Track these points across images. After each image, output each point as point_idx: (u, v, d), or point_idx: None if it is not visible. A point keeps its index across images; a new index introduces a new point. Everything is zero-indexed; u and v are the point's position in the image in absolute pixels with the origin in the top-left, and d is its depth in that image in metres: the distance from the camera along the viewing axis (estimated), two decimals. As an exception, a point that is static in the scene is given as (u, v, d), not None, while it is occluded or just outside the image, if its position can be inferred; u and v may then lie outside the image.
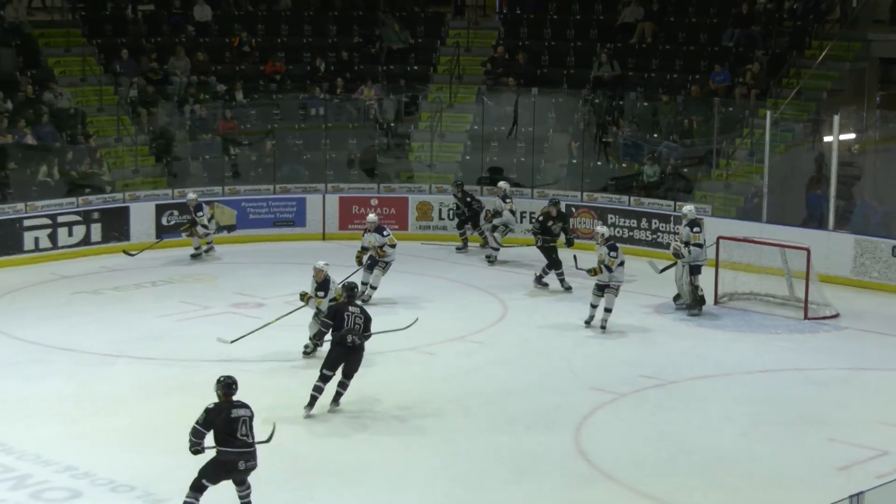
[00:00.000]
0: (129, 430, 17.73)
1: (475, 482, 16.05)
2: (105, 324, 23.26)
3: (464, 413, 18.72)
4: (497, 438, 17.59)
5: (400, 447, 17.24)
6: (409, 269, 27.24)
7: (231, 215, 30.81)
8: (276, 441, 16.96)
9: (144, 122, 32.26)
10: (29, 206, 28.49)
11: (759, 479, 16.26)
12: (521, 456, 16.88)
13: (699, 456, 17.03)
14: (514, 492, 15.77)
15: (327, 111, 33.10)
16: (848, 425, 18.23)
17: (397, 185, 31.91)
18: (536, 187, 31.00)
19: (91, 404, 18.86)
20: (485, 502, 15.48)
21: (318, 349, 20.48)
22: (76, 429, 17.78)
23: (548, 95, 32.61)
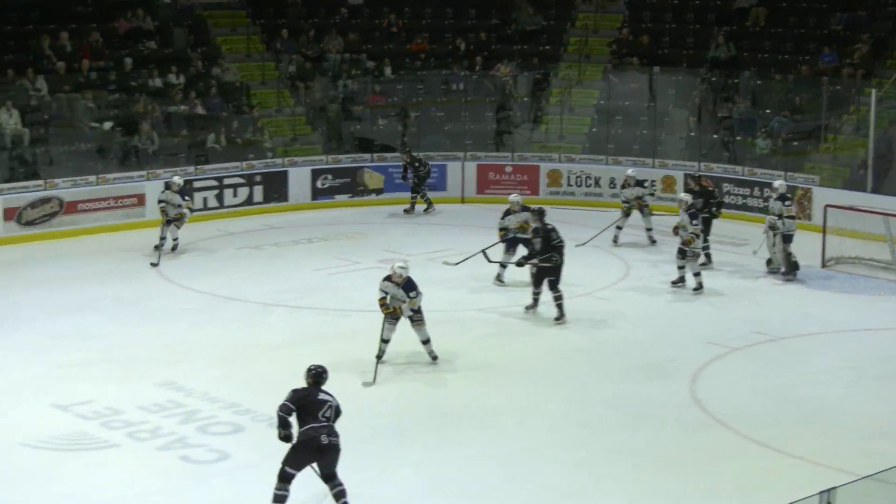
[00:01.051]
0: (286, 372, 17.54)
1: (598, 426, 15.94)
2: (265, 276, 23.42)
3: (588, 362, 18.59)
4: (619, 386, 17.44)
5: (529, 393, 17.15)
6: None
7: (379, 180, 30.88)
8: (415, 387, 17.15)
9: (302, 94, 32.41)
10: (198, 170, 28.75)
11: (861, 428, 15.97)
12: (640, 403, 16.72)
13: (805, 406, 16.76)
14: (635, 436, 15.62)
15: (466, 86, 33.00)
16: (947, 377, 17.86)
17: (529, 154, 31.74)
18: (657, 158, 30.75)
19: (252, 348, 19.01)
20: (608, 445, 15.34)
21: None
22: (238, 370, 17.93)
23: (668, 74, 32.27)
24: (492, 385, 17.45)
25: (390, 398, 16.78)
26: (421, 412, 16.24)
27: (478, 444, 15.28)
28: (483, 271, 23.13)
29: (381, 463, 14.65)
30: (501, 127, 32.58)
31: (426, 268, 23.71)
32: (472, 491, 14.00)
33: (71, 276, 23.08)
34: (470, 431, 15.72)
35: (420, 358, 18.36)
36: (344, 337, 19.55)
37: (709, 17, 33.77)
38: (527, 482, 14.21)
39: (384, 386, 17.19)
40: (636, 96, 32.21)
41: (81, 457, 14.79)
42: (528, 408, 16.55)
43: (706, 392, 17.12)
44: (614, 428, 15.90)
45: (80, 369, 17.87)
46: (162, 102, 29.69)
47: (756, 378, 17.91)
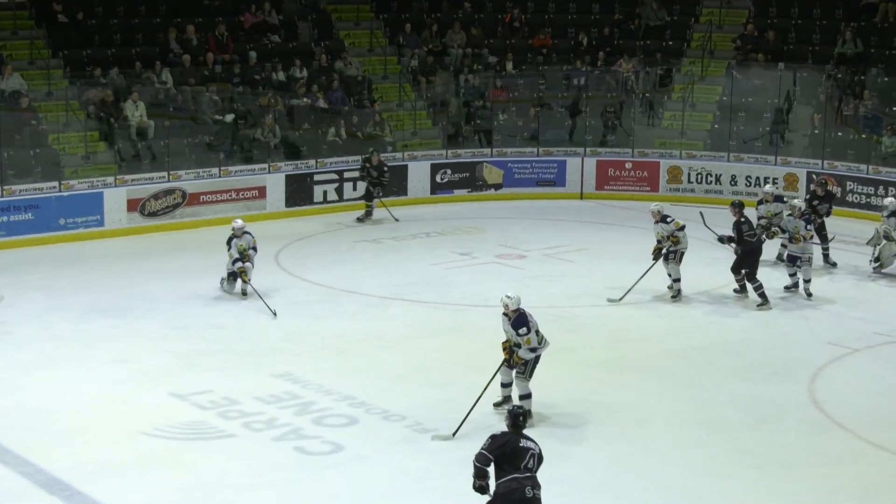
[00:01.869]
0: (402, 366, 17.85)
1: (716, 425, 15.74)
2: (383, 269, 23.48)
3: (707, 361, 18.39)
4: (737, 386, 17.22)
5: (646, 392, 16.98)
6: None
7: (498, 175, 30.85)
8: (534, 381, 16.99)
9: (424, 89, 32.47)
10: (319, 163, 28.93)
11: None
12: (758, 403, 16.49)
13: (927, 409, 16.45)
14: (752, 436, 15.41)
15: (588, 82, 32.81)
16: None
17: (650, 150, 31.49)
18: (780, 155, 30.32)
19: (369, 341, 19.04)
20: (726, 445, 15.15)
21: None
22: (355, 363, 17.97)
23: (793, 70, 31.82)
24: (608, 383, 17.31)
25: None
26: (536, 407, 16.10)
27: (594, 441, 15.17)
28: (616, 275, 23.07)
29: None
30: (608, 120, 32.23)
31: (543, 263, 23.67)
32: (588, 488, 13.90)
33: (192, 268, 23.33)
34: (587, 428, 15.60)
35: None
36: (460, 332, 19.55)
37: (836, 13, 33.23)
38: (643, 481, 14.08)
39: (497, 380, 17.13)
40: (760, 93, 31.77)
41: (198, 446, 14.92)
42: (645, 406, 16.41)
43: (826, 393, 16.85)
44: (733, 428, 15.70)
45: (199, 359, 18.04)
46: (285, 96, 29.89)
47: (877, 379, 17.60)
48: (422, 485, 13.89)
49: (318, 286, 22.23)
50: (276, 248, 24.79)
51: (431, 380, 17.22)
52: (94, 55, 29.08)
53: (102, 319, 20.01)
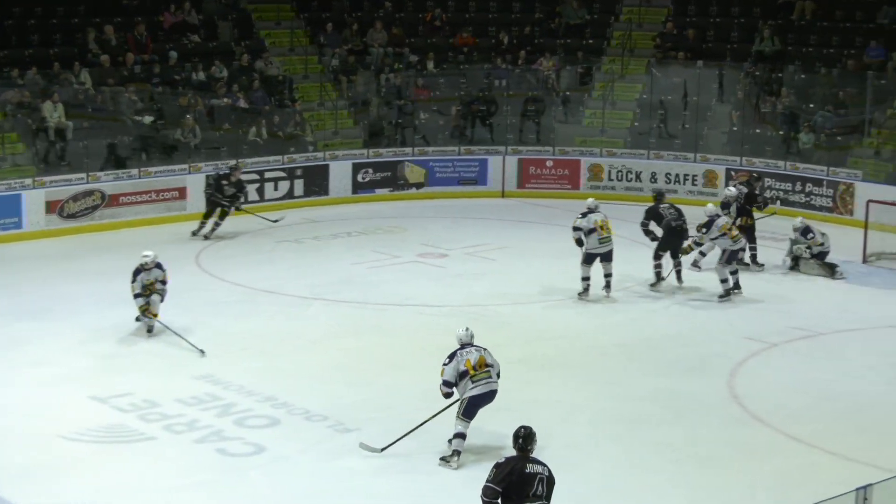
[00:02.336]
0: (324, 366, 17.86)
1: (638, 421, 15.87)
2: (304, 269, 23.44)
3: (627, 357, 18.54)
4: (657, 381, 17.37)
5: (567, 388, 17.11)
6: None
7: (420, 174, 30.87)
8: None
9: (345, 88, 32.44)
10: (240, 164, 28.82)
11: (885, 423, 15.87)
12: (679, 398, 16.65)
13: (843, 403, 16.67)
14: (674, 431, 15.57)
15: (509, 81, 32.92)
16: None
17: (571, 148, 31.64)
18: (699, 152, 30.58)
19: (290, 341, 19.02)
20: (647, 440, 15.29)
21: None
22: (276, 363, 17.94)
23: (712, 68, 32.11)
24: (530, 381, 17.38)
25: (427, 389, 16.69)
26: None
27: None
28: (527, 271, 23.19)
29: (418, 456, 14.61)
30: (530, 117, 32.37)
31: (465, 262, 23.77)
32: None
33: (112, 269, 23.12)
34: (507, 425, 15.60)
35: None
36: (382, 331, 19.58)
37: (754, 11, 33.54)
38: (566, 476, 14.07)
39: (422, 377, 17.15)
40: (679, 90, 32.03)
41: (118, 449, 14.83)
42: (567, 402, 16.51)
43: (745, 388, 17.04)
44: (654, 423, 15.85)
45: (119, 362, 17.95)
46: (205, 96, 29.77)
47: (794, 374, 17.81)
48: (344, 484, 13.91)
49: (239, 287, 22.16)
50: (196, 249, 24.69)
51: (353, 379, 17.23)
52: (12, 56, 28.78)
53: (22, 322, 19.85)
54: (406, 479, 14.08)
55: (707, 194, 29.28)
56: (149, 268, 19.14)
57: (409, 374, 17.38)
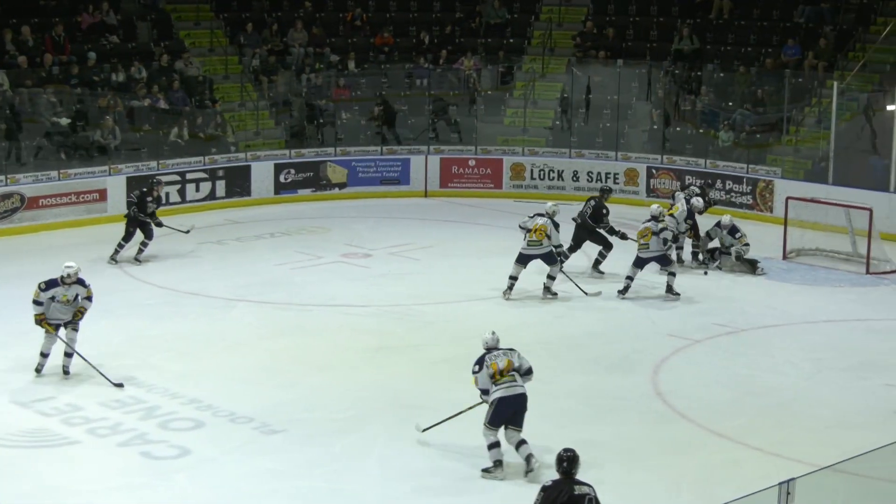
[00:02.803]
0: (248, 367, 17.79)
1: (562, 419, 15.93)
2: (228, 271, 23.34)
3: (551, 355, 18.55)
4: (582, 379, 17.47)
5: (492, 386, 17.12)
6: (502, 223, 27.19)
7: (343, 174, 30.82)
8: (380, 379, 17.11)
9: (266, 88, 32.32)
10: (161, 164, 28.64)
11: (822, 420, 16.04)
12: (603, 396, 16.75)
13: (767, 398, 16.82)
14: (598, 428, 15.64)
15: (431, 80, 32.95)
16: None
17: (493, 147, 31.72)
18: (620, 151, 30.76)
19: (214, 343, 18.94)
20: (572, 437, 15.26)
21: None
22: (201, 365, 17.86)
23: (632, 67, 32.32)
24: (454, 379, 17.34)
25: (351, 391, 16.75)
26: (384, 405, 16.20)
27: (442, 437, 15.24)
28: (444, 273, 23.19)
29: (344, 457, 14.62)
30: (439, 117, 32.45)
31: (388, 262, 23.77)
32: (437, 485, 13.98)
33: (32, 272, 22.80)
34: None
35: (385, 347, 18.41)
36: (306, 332, 19.54)
37: (673, 10, 33.82)
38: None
39: (348, 378, 17.15)
40: (600, 89, 32.20)
41: (41, 454, 14.69)
42: (490, 401, 16.53)
43: (668, 384, 17.15)
44: (578, 421, 15.91)
45: (40, 365, 17.77)
46: (125, 97, 29.53)
47: (717, 370, 17.96)
48: (270, 486, 13.86)
49: (162, 289, 22.02)
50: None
51: (278, 380, 17.18)
52: (-72, 57, 28.50)
53: (-60, 327, 19.65)
54: (333, 477, 14.05)
55: (628, 192, 29.57)
56: (69, 282, 16.98)
57: (335, 375, 17.38)
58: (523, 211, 25.49)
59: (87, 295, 17.26)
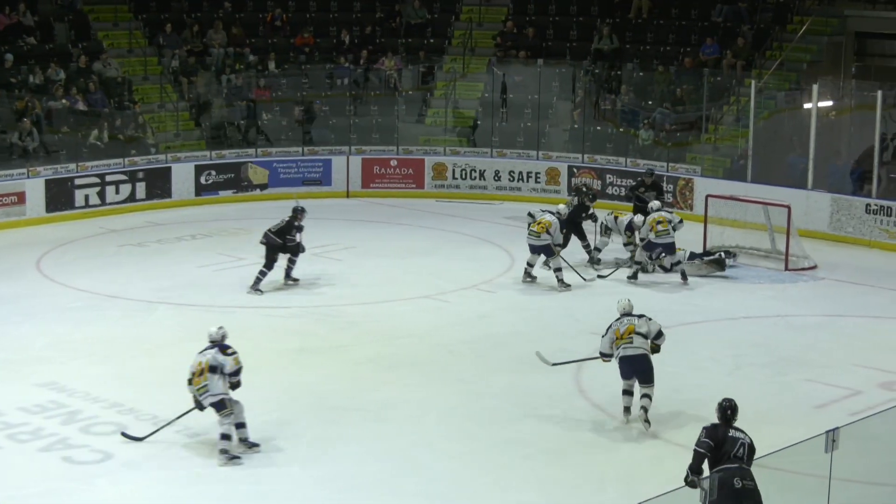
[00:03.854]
0: (171, 371, 17.56)
1: (487, 418, 15.97)
2: (149, 273, 23.17)
3: (475, 354, 18.63)
4: (506, 378, 17.49)
5: (419, 387, 17.15)
6: (424, 223, 27.26)
7: (264, 175, 30.69)
8: (303, 380, 17.08)
9: (186, 89, 32.12)
10: (80, 167, 28.38)
11: (744, 415, 16.01)
12: (528, 394, 16.77)
13: (688, 394, 16.93)
14: (523, 427, 15.69)
15: (351, 80, 32.90)
16: (824, 367, 18.13)
17: (415, 147, 31.73)
18: (541, 150, 30.87)
19: (136, 346, 18.80)
20: (497, 436, 15.39)
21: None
22: (122, 369, 17.73)
23: (552, 67, 32.44)
24: (379, 380, 17.42)
25: (274, 393, 16.68)
26: (308, 407, 16.17)
27: (367, 438, 15.25)
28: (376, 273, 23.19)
29: (268, 459, 14.56)
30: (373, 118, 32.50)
31: (311, 263, 23.66)
32: (362, 486, 13.96)
33: (-50, 276, 22.73)
34: (359, 425, 15.68)
35: (308, 348, 18.37)
36: (229, 334, 19.36)
37: (592, 10, 33.99)
38: (417, 475, 14.22)
39: (271, 380, 17.09)
40: (521, 89, 32.31)
41: (-39, 460, 14.55)
42: (416, 401, 16.55)
43: (591, 382, 17.19)
44: (503, 420, 15.94)
45: (-41, 371, 17.58)
46: (42, 98, 29.24)
47: (640, 367, 18.03)
48: (193, 489, 13.80)
49: (83, 292, 21.83)
50: (37, 255, 24.25)
51: (201, 383, 17.05)
52: None
53: None
54: (257, 479, 14.00)
55: (550, 191, 29.70)
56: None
57: (259, 377, 17.19)
58: (446, 211, 25.79)
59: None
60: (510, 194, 30.30)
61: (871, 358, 18.54)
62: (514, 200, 29.71)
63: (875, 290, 22.64)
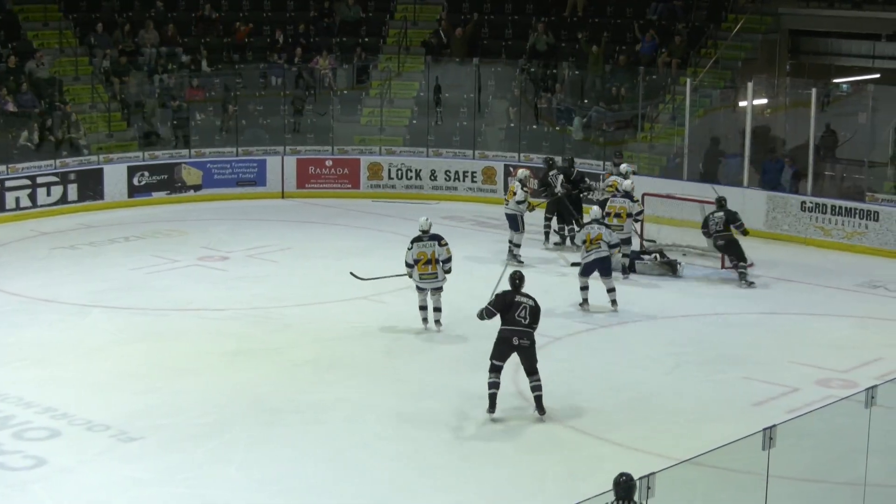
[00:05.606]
0: (105, 374, 17.59)
1: (426, 419, 16.00)
2: (82, 276, 23.03)
3: (411, 355, 18.65)
4: (443, 379, 17.53)
5: (357, 388, 17.14)
6: (360, 223, 27.28)
7: (198, 176, 30.56)
8: (240, 383, 17.05)
9: (117, 90, 31.92)
10: (10, 168, 28.15)
11: (682, 413, 16.30)
12: (466, 395, 16.75)
13: (627, 393, 17.05)
14: (461, 428, 15.75)
15: (286, 79, 32.83)
16: (762, 365, 18.28)
17: (350, 147, 31.71)
18: (477, 149, 30.94)
19: (69, 350, 18.68)
20: (435, 438, 15.43)
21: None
22: (55, 373, 17.60)
23: (488, 65, 32.50)
24: (317, 381, 17.42)
25: (211, 396, 16.65)
26: (246, 409, 16.14)
27: (305, 440, 15.26)
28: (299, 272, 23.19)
29: (205, 463, 14.55)
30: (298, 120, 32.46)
31: (246, 264, 23.66)
32: (301, 488, 13.98)
33: None
34: (296, 428, 15.67)
35: (244, 350, 18.34)
36: (164, 337, 19.37)
37: (528, 8, 34.08)
38: (355, 478, 14.23)
39: (208, 382, 17.05)
40: (456, 88, 32.35)
41: None
42: (354, 403, 16.54)
43: (525, 382, 17.22)
44: (441, 421, 15.97)
45: None
46: (-29, 100, 29.03)
47: (577, 367, 18.13)
48: (130, 494, 13.75)
49: (14, 296, 21.67)
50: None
51: (136, 387, 16.98)
52: None
53: None
54: (194, 483, 13.97)
55: (486, 191, 29.82)
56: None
57: (194, 380, 17.27)
58: (382, 211, 25.79)
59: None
60: (446, 194, 30.34)
61: (807, 355, 18.73)
62: (451, 200, 29.83)
63: (811, 288, 22.87)
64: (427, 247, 19.38)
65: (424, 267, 19.45)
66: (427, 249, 19.34)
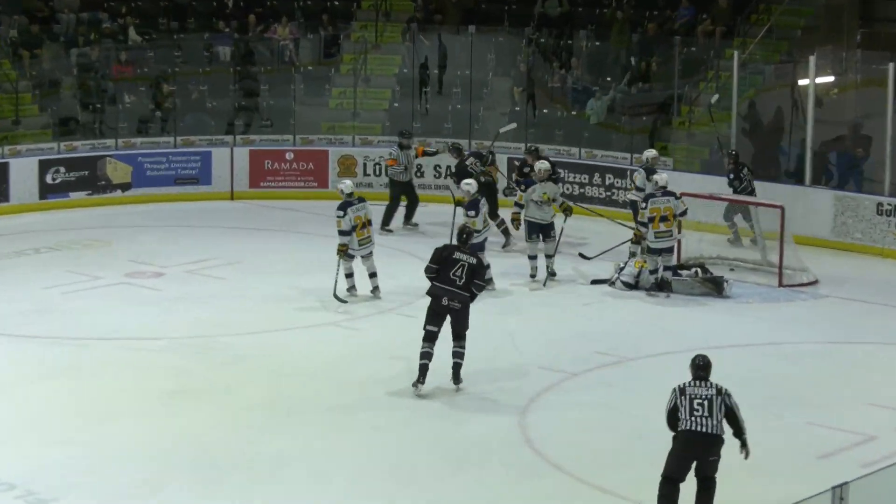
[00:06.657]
0: (10, 419, 17.50)
1: (410, 474, 15.94)
2: (-19, 297, 23.03)
3: (395, 395, 18.55)
4: (433, 425, 17.48)
5: (322, 438, 17.07)
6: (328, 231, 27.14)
7: (126, 172, 30.53)
8: (179, 431, 16.97)
9: (27, 66, 31.88)
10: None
11: (730, 468, 16.19)
12: (460, 444, 16.77)
13: (659, 443, 16.88)
14: (451, 485, 15.66)
15: (236, 53, 32.81)
16: (829, 407, 18.25)
17: (316, 136, 31.67)
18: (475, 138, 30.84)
19: (-37, 390, 18.63)
20: (420, 497, 15.35)
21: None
22: (-54, 418, 17.55)
23: (487, 35, 32.48)
24: (275, 429, 17.30)
25: (149, 444, 16.55)
26: (185, 465, 16.03)
27: (260, 500, 15.15)
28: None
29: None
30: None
31: (186, 282, 23.62)
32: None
33: None
34: (248, 488, 15.55)
35: (185, 390, 18.25)
36: (84, 372, 19.28)
37: (536, -35, 34.18)
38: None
39: (137, 431, 16.94)
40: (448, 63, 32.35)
41: None
42: (319, 456, 16.45)
43: (539, 429, 17.23)
44: (429, 475, 15.91)
45: None
46: None
47: (598, 410, 18.06)
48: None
49: None
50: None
51: (48, 436, 16.87)
52: None
53: None
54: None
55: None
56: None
57: (121, 427, 17.16)
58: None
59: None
60: (437, 194, 30.19)
61: (886, 395, 18.70)
62: (443, 202, 29.45)
63: (889, 311, 22.85)
64: (360, 209, 22.28)
65: (361, 231, 22.36)
66: (361, 212, 22.25)
